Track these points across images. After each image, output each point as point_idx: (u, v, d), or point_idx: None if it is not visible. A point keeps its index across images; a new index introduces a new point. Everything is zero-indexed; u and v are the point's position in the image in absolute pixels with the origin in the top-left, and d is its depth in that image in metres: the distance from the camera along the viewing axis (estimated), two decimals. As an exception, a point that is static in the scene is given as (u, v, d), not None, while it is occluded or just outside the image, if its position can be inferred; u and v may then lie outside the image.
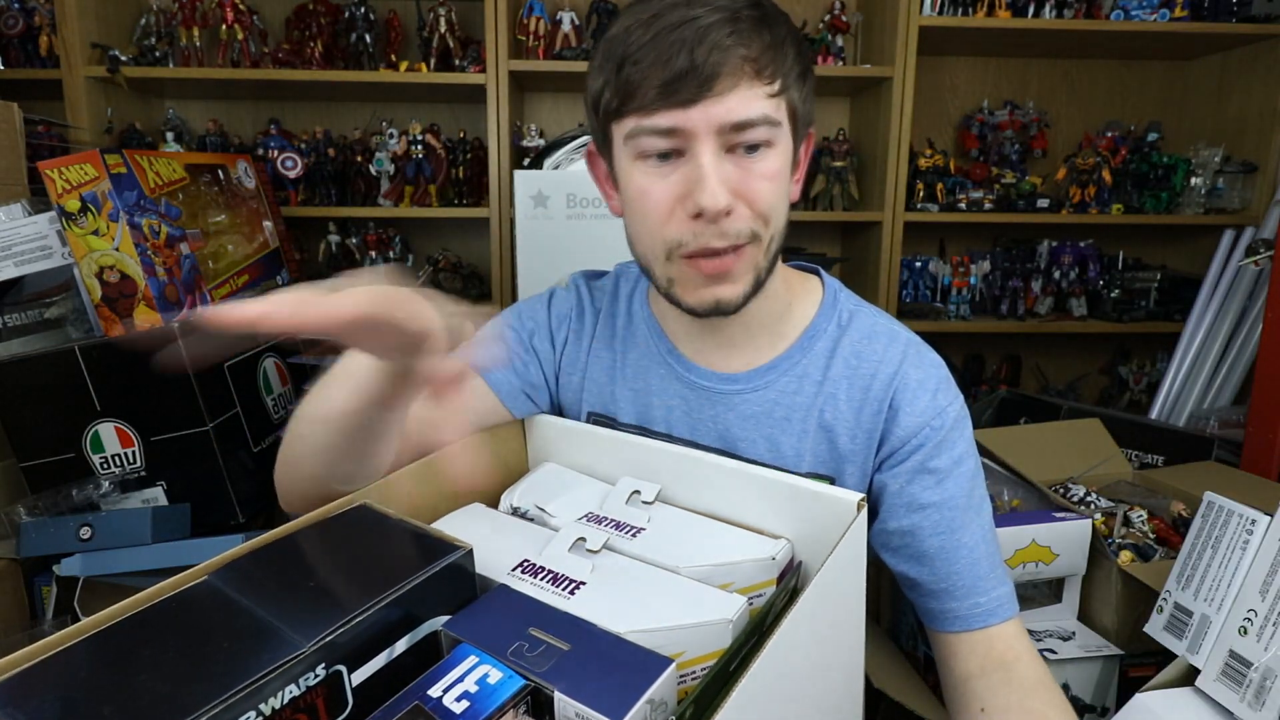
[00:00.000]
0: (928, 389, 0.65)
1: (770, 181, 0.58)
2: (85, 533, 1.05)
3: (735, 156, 0.57)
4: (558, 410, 0.77)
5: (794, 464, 0.67)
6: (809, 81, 0.61)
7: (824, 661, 0.47)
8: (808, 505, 0.53)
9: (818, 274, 0.74)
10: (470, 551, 0.45)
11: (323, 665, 0.37)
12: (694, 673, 0.44)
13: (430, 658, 0.42)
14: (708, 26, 0.53)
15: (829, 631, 0.47)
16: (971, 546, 0.64)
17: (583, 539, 0.52)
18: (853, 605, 0.51)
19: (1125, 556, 0.95)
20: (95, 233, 1.09)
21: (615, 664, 0.39)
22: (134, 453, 1.13)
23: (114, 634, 0.38)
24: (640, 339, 0.73)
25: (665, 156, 0.57)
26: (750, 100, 0.55)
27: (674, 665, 0.39)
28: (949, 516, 0.64)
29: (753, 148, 0.57)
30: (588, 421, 0.73)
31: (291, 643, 0.36)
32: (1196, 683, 0.71)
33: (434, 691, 0.37)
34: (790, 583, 0.51)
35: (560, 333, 0.76)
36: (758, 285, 0.62)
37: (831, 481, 0.65)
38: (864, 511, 0.50)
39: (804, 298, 0.71)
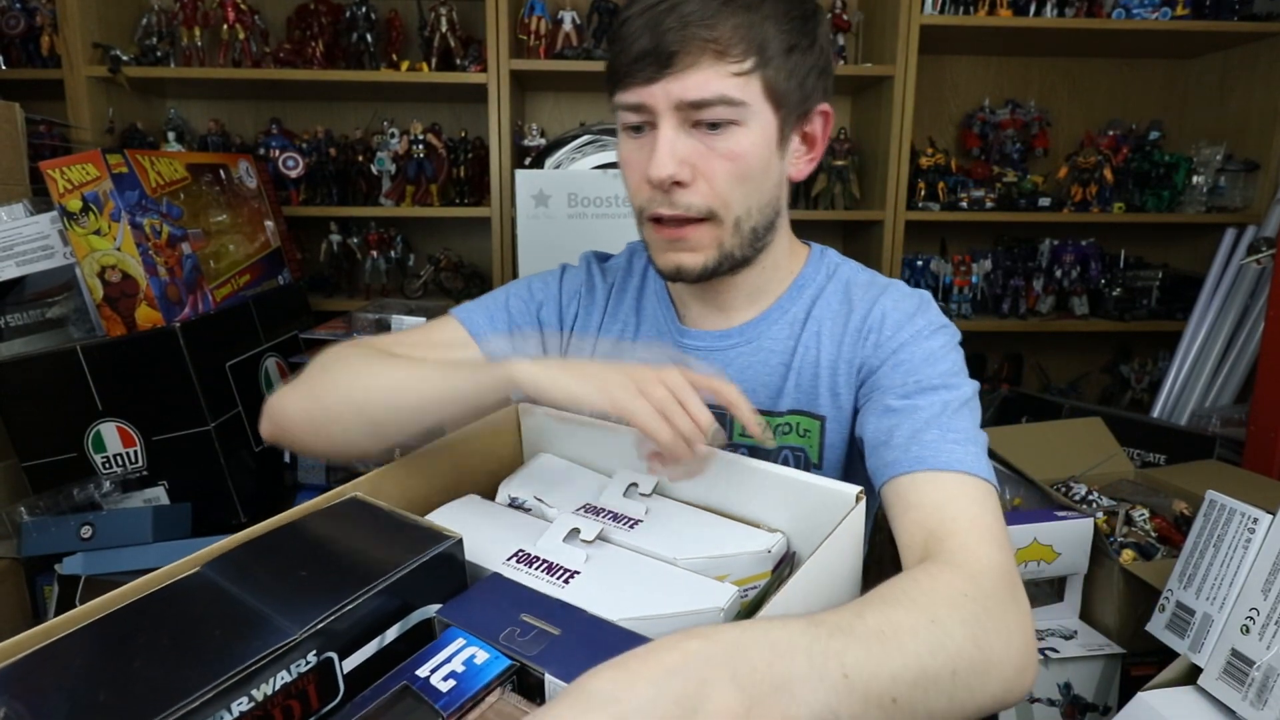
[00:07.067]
0: (904, 310, 0.66)
1: (730, 161, 0.60)
2: (86, 532, 1.05)
3: (700, 132, 0.59)
4: None
5: (774, 404, 0.68)
6: (810, 58, 0.61)
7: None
8: (804, 498, 0.53)
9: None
10: (460, 541, 0.45)
11: (314, 652, 0.37)
12: (688, 663, 0.44)
13: (421, 645, 0.42)
14: (674, 6, 0.56)
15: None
16: (925, 408, 0.58)
17: (577, 529, 0.52)
18: (847, 597, 0.51)
19: (1127, 555, 0.95)
20: (97, 232, 1.10)
21: (606, 648, 0.38)
22: (136, 452, 1.14)
23: (109, 623, 0.38)
24: (649, 310, 0.76)
25: (639, 129, 0.62)
26: (710, 80, 0.57)
27: (666, 654, 0.39)
28: (917, 403, 0.59)
29: (715, 125, 0.59)
30: None
31: (283, 630, 0.36)
32: (1199, 681, 0.71)
33: (422, 672, 0.38)
34: (784, 575, 0.51)
35: (570, 307, 0.78)
36: (728, 262, 0.64)
37: (820, 421, 0.67)
38: (862, 504, 0.50)
39: (795, 259, 0.73)
